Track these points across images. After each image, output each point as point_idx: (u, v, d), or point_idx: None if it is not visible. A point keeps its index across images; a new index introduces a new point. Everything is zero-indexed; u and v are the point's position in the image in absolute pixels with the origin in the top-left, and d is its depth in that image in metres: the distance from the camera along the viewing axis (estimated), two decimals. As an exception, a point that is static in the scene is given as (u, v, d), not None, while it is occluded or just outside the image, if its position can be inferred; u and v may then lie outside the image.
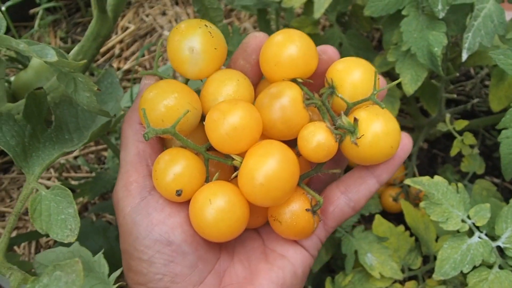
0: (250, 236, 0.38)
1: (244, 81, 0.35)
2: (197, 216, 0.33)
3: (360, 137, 0.32)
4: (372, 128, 0.32)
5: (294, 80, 0.34)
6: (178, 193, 0.33)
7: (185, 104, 0.33)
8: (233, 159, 0.33)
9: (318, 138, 0.32)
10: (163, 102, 0.33)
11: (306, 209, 0.33)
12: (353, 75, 0.34)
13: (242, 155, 0.33)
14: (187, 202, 0.34)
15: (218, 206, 0.32)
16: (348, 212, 0.36)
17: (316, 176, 0.37)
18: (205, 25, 0.35)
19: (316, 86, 0.36)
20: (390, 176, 0.36)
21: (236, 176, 0.33)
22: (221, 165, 0.36)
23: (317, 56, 0.35)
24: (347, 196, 0.36)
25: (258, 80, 0.39)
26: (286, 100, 0.33)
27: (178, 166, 0.33)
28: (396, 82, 0.35)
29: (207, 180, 0.35)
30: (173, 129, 0.32)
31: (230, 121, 0.31)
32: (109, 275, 0.36)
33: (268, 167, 0.31)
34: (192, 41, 0.34)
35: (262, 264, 0.36)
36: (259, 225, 0.38)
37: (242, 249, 0.37)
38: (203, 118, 0.36)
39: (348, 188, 0.36)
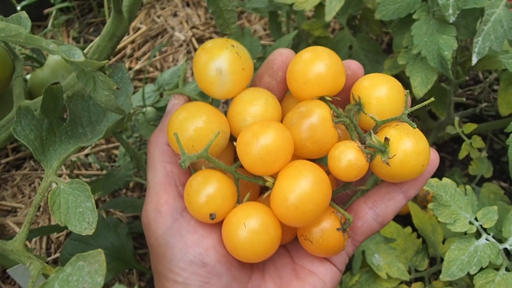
0: (279, 252, 0.38)
1: (272, 100, 0.35)
2: (230, 238, 0.33)
3: (392, 157, 0.32)
4: (403, 147, 0.32)
5: (322, 98, 0.34)
6: (212, 217, 0.33)
7: (214, 127, 0.33)
8: (264, 179, 0.33)
9: (349, 158, 0.32)
10: (192, 126, 0.33)
11: (337, 229, 0.34)
12: (380, 91, 0.33)
13: (274, 175, 0.33)
14: (219, 223, 0.35)
15: (251, 228, 0.32)
16: (375, 227, 0.36)
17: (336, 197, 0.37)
18: (232, 45, 0.35)
19: (340, 102, 0.36)
20: (418, 191, 0.36)
21: (266, 196, 0.33)
22: (249, 184, 0.36)
23: (344, 73, 0.35)
24: (374, 212, 0.36)
25: (283, 96, 0.38)
26: (316, 120, 0.33)
27: (210, 189, 0.33)
28: (425, 103, 0.34)
29: (238, 200, 0.35)
30: (206, 153, 0.32)
31: (263, 143, 0.31)
32: (120, 271, 0.36)
33: (301, 188, 0.31)
34: (220, 62, 0.34)
35: (294, 282, 0.36)
36: (287, 242, 0.38)
37: (273, 266, 0.37)
38: (231, 137, 0.36)
39: (376, 204, 0.36)
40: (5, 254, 0.32)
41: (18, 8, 0.84)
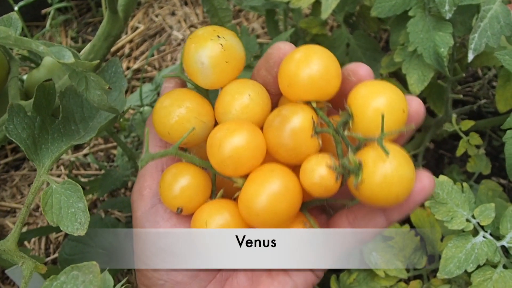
0: None
1: (256, 95, 0.34)
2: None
3: (360, 182, 0.29)
4: (377, 174, 0.29)
5: (309, 104, 0.32)
6: (179, 211, 0.34)
7: (193, 118, 0.33)
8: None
9: (316, 175, 0.30)
10: (174, 114, 0.33)
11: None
12: (375, 103, 0.30)
13: (246, 176, 0.32)
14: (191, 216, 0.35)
15: (214, 226, 0.32)
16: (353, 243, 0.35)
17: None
18: (218, 36, 0.34)
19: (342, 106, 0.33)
20: (402, 217, 0.33)
21: (237, 195, 0.33)
22: (228, 181, 0.36)
23: (339, 77, 0.32)
24: (354, 228, 0.34)
25: (280, 91, 0.37)
26: (293, 127, 0.31)
27: (180, 183, 0.33)
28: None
29: (214, 194, 0.35)
30: (175, 150, 0.31)
31: (228, 146, 0.30)
32: (119, 271, 0.37)
33: (265, 196, 0.30)
34: (201, 55, 0.33)
35: (264, 278, 0.36)
36: None
37: None
38: None
39: (356, 221, 0.34)
40: (-1, 255, 0.32)
41: (16, 8, 0.83)
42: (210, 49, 0.33)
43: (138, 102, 0.74)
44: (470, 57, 0.45)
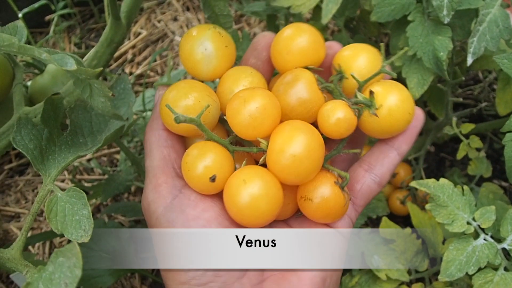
0: (283, 227, 0.38)
1: (257, 74, 0.37)
2: (232, 199, 0.33)
3: (379, 108, 0.34)
4: (389, 98, 0.34)
5: (306, 68, 0.36)
6: (212, 178, 0.33)
7: (206, 99, 0.35)
8: (257, 146, 0.34)
9: (338, 114, 0.33)
10: (184, 100, 0.34)
11: (335, 182, 0.34)
12: (359, 58, 0.36)
13: (265, 139, 0.34)
14: (219, 197, 0.35)
15: (253, 187, 0.32)
16: (375, 188, 0.37)
17: (337, 160, 0.39)
18: (214, 27, 0.38)
19: (324, 78, 0.38)
20: (409, 147, 0.37)
21: (262, 160, 0.34)
22: (243, 158, 0.37)
23: (324, 45, 0.38)
24: (372, 173, 0.37)
25: (269, 77, 0.40)
26: (302, 83, 0.35)
27: (209, 155, 0.33)
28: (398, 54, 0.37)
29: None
30: (199, 119, 0.33)
31: (251, 104, 0.33)
32: (122, 275, 0.37)
33: (295, 141, 0.32)
34: (204, 42, 0.37)
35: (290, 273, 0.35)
36: (288, 215, 0.38)
37: None
38: (220, 119, 0.37)
39: (371, 165, 0.37)
40: (2, 262, 0.33)
41: (20, 15, 0.84)
42: (211, 35, 0.37)
43: (140, 107, 0.74)
44: (469, 60, 0.46)
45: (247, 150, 0.35)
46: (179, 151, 0.37)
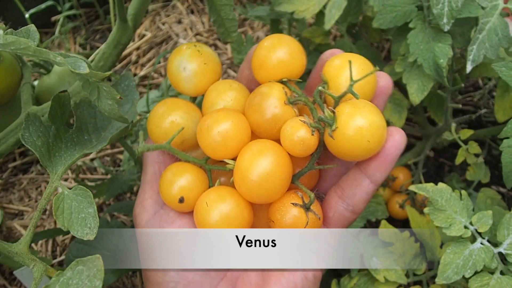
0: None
1: (238, 87, 0.38)
2: (198, 221, 0.35)
3: (335, 129, 0.32)
4: (349, 121, 0.32)
5: (281, 81, 0.36)
6: (180, 199, 0.36)
7: (185, 121, 0.37)
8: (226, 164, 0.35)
9: (296, 133, 0.33)
10: (166, 120, 0.37)
11: (292, 203, 0.34)
12: (347, 70, 0.34)
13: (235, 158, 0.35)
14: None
15: (214, 210, 0.34)
16: (348, 216, 0.36)
17: (328, 175, 0.39)
18: (194, 45, 0.39)
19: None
20: (384, 175, 0.34)
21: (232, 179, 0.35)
22: (226, 174, 0.38)
23: (303, 57, 0.37)
24: (344, 201, 0.36)
25: None
26: (269, 99, 0.35)
27: (179, 178, 0.36)
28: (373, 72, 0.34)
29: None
30: (168, 145, 0.35)
31: (214, 129, 0.34)
32: (124, 273, 0.38)
33: (259, 162, 0.32)
34: (183, 62, 0.39)
35: (273, 271, 0.37)
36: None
37: None
38: None
39: (344, 192, 0.36)
40: (11, 256, 0.34)
41: (27, 15, 0.85)
42: (189, 55, 0.39)
43: (144, 108, 0.75)
44: (469, 68, 0.47)
45: (221, 169, 0.36)
46: None
